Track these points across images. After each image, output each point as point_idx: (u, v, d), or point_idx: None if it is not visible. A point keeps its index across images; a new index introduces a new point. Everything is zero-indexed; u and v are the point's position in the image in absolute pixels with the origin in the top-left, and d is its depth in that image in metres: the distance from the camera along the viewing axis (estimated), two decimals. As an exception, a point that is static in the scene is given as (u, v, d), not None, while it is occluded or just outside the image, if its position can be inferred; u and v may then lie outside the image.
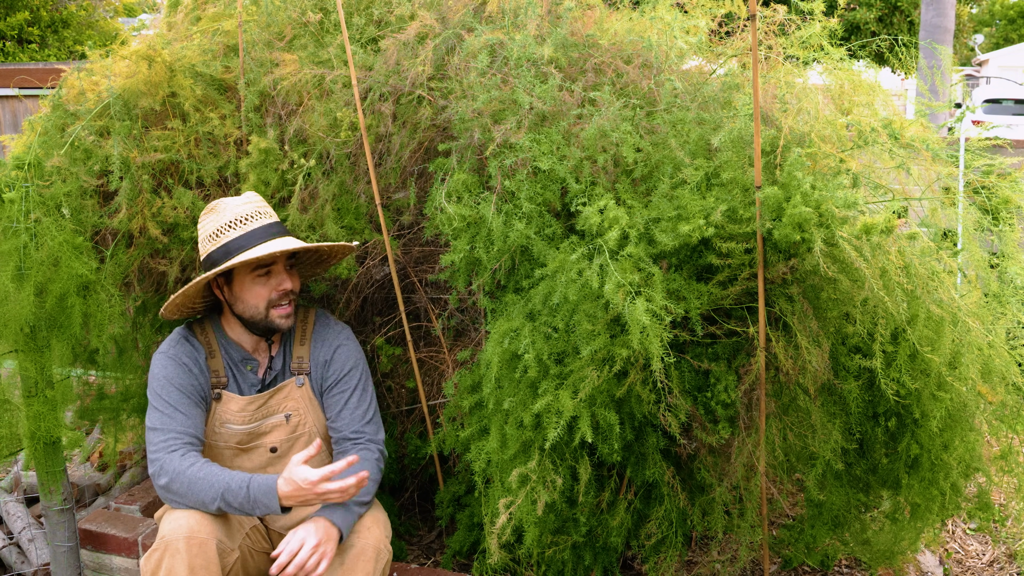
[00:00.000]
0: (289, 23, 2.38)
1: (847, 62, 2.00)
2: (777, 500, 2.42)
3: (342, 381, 2.04)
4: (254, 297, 1.95)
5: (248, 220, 1.95)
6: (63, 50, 13.32)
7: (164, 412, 1.92)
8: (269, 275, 1.95)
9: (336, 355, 2.06)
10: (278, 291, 1.95)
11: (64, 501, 2.31)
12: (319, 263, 2.16)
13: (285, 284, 1.96)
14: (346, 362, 2.05)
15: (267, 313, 1.96)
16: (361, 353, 2.10)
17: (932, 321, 1.77)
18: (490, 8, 2.27)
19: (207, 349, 2.03)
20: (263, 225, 1.95)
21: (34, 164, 2.20)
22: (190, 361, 1.98)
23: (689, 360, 1.89)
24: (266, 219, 1.98)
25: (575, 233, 1.91)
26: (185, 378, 1.96)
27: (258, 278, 1.95)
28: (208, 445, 2.03)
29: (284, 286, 1.95)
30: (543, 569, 2.14)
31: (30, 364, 2.20)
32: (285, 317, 1.97)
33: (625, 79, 2.08)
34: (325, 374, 2.05)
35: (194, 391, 1.96)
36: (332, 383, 2.05)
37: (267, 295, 1.95)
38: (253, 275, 1.94)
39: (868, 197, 1.90)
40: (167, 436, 1.89)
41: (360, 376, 2.06)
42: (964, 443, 1.90)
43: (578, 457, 1.90)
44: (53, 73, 2.45)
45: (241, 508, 1.80)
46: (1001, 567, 2.56)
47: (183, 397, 1.94)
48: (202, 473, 1.82)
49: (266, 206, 2.03)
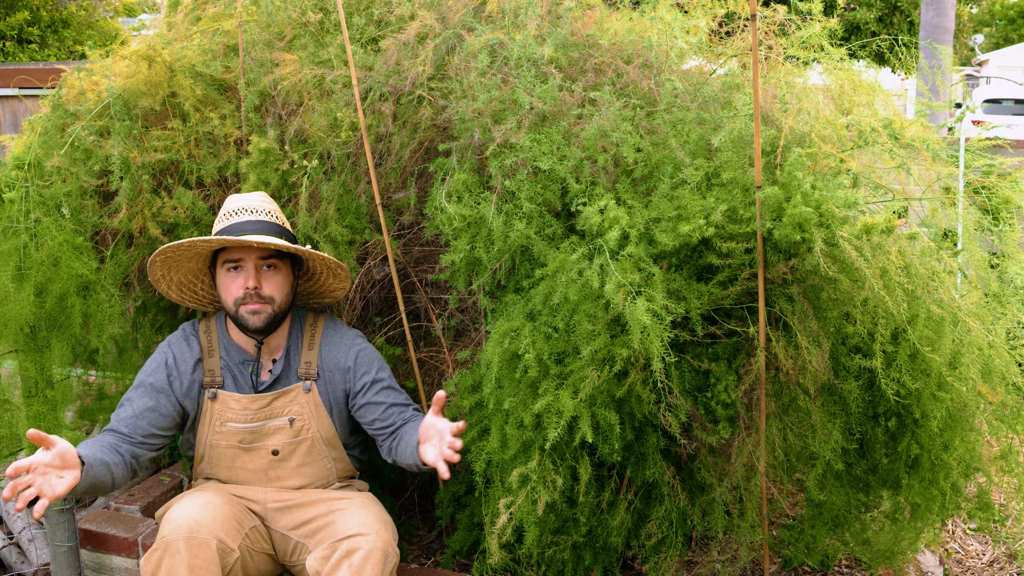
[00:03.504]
0: (289, 23, 2.38)
1: (847, 62, 2.00)
2: (777, 500, 2.42)
3: (377, 380, 2.06)
4: (224, 291, 1.99)
5: (236, 214, 2.00)
6: (63, 50, 13.32)
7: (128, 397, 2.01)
8: (239, 270, 1.98)
9: (359, 360, 2.06)
10: (244, 288, 1.96)
11: (64, 501, 2.30)
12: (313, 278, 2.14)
13: (250, 282, 1.96)
14: (372, 363, 2.07)
15: (236, 309, 1.98)
16: (377, 352, 2.12)
17: (932, 321, 1.77)
18: (490, 8, 2.27)
19: (206, 348, 2.05)
20: (244, 220, 1.98)
21: (34, 164, 2.20)
22: (177, 360, 2.04)
23: (689, 360, 1.89)
24: (252, 215, 1.99)
25: (575, 233, 1.91)
26: (159, 379, 2.02)
27: (229, 271, 1.98)
28: (211, 446, 2.03)
29: (249, 283, 1.96)
30: (543, 569, 2.14)
31: (30, 364, 2.20)
32: (252, 314, 1.97)
33: (625, 79, 2.08)
34: (352, 379, 2.06)
35: (161, 391, 2.02)
36: (366, 385, 2.05)
37: (236, 291, 1.97)
38: (225, 268, 1.99)
39: (868, 197, 1.90)
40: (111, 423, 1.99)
41: (388, 372, 2.09)
42: (964, 443, 1.90)
43: (578, 457, 1.90)
44: (53, 73, 2.45)
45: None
46: (1001, 567, 2.56)
47: (144, 393, 2.01)
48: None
49: (262, 204, 2.03)
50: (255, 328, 1.98)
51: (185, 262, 2.05)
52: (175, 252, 1.99)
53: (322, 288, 2.17)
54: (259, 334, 2.01)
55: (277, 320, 2.01)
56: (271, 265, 1.99)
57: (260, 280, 1.96)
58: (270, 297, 1.97)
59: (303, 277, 2.14)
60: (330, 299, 2.20)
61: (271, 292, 1.98)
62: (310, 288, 2.18)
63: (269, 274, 1.98)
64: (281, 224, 2.03)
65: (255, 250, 1.96)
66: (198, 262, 2.06)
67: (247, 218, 1.98)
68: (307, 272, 2.13)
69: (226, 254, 1.98)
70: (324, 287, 2.16)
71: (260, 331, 1.99)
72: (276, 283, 1.99)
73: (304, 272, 2.13)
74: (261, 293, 1.96)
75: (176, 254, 2.00)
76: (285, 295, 2.01)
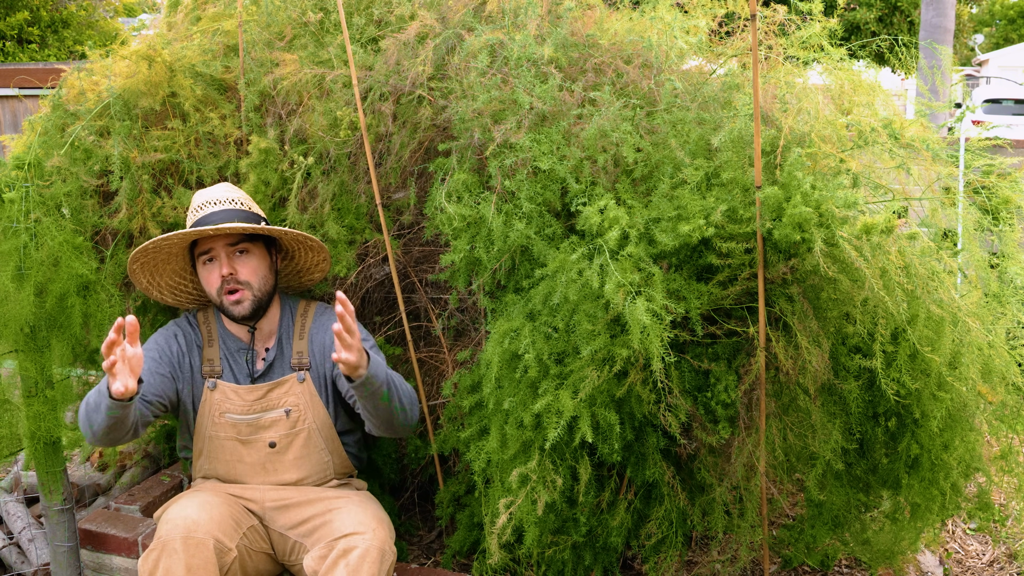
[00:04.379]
0: (289, 23, 2.38)
1: (847, 62, 2.00)
2: (777, 500, 2.42)
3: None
4: (207, 284, 2.02)
5: (200, 209, 2.02)
6: (63, 50, 13.32)
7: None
8: (214, 261, 2.00)
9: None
10: (220, 276, 1.98)
11: (64, 501, 2.31)
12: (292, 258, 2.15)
13: (224, 268, 1.98)
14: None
15: (220, 300, 2.00)
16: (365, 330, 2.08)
17: (932, 321, 1.77)
18: (490, 8, 2.27)
19: (207, 337, 2.08)
20: (208, 213, 2.00)
21: (34, 164, 2.20)
22: (183, 340, 2.05)
23: (689, 360, 1.89)
24: (215, 207, 2.00)
25: (575, 233, 1.91)
26: (166, 347, 2.02)
27: (206, 264, 2.02)
28: (210, 438, 2.04)
29: (224, 270, 1.98)
30: (543, 569, 2.14)
31: (30, 364, 2.20)
32: (235, 303, 1.99)
33: (625, 79, 2.08)
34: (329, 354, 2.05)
35: (169, 362, 2.01)
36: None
37: (216, 282, 1.99)
38: (201, 261, 2.02)
39: (868, 197, 1.90)
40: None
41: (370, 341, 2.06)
42: (964, 443, 1.90)
43: (578, 457, 1.90)
44: (53, 73, 2.45)
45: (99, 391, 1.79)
46: (1001, 567, 2.56)
47: (152, 362, 1.98)
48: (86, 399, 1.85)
49: (226, 194, 2.04)
50: (241, 316, 2.01)
51: (163, 264, 2.08)
52: (146, 256, 2.02)
53: (306, 265, 2.19)
54: (247, 320, 2.04)
55: (262, 304, 2.03)
56: (243, 250, 2.02)
57: (234, 266, 1.99)
58: (247, 282, 2.00)
59: (283, 258, 2.17)
60: (319, 274, 2.22)
61: (247, 276, 2.00)
62: (295, 267, 2.20)
63: (242, 259, 2.01)
64: (248, 210, 2.05)
65: (223, 238, 1.99)
66: (177, 262, 2.10)
67: (212, 210, 2.01)
68: (284, 252, 2.15)
69: (199, 248, 2.02)
70: (306, 264, 2.18)
71: (247, 318, 2.02)
72: (251, 267, 2.01)
73: (281, 253, 2.15)
74: (238, 278, 1.99)
75: (148, 257, 2.04)
76: (262, 277, 2.03)
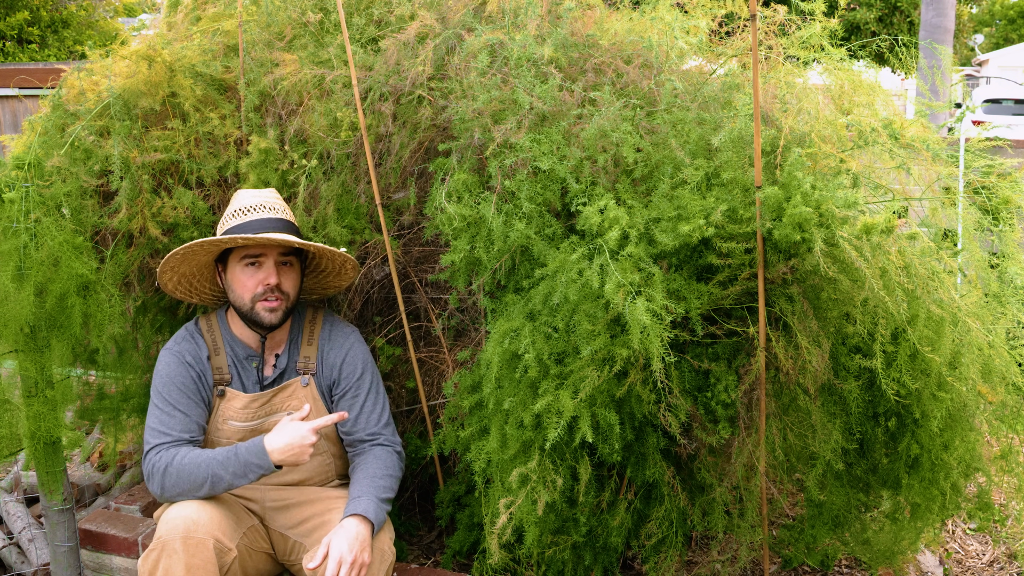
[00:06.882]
0: (289, 23, 2.38)
1: (847, 62, 2.00)
2: (777, 500, 2.42)
3: (355, 386, 2.05)
4: (241, 287, 1.98)
5: (252, 211, 1.99)
6: (63, 50, 13.33)
7: (164, 411, 1.93)
8: (258, 267, 1.97)
9: (348, 359, 2.06)
10: (264, 284, 1.96)
11: (64, 501, 2.30)
12: (320, 273, 2.15)
13: (271, 279, 1.96)
14: (357, 366, 2.06)
15: (252, 305, 1.97)
16: (370, 356, 2.11)
17: (932, 321, 1.77)
18: (490, 8, 2.27)
19: (212, 347, 2.05)
20: (263, 218, 1.98)
21: (34, 164, 2.20)
22: (193, 360, 2.01)
23: (689, 360, 1.89)
24: (269, 213, 1.99)
25: (575, 233, 1.91)
26: (187, 377, 1.98)
27: (247, 267, 1.98)
28: (210, 442, 2.03)
29: (270, 280, 1.96)
30: (543, 569, 2.14)
31: (30, 364, 2.20)
32: (270, 311, 1.97)
33: (625, 79, 2.08)
34: (337, 377, 2.06)
35: (195, 391, 1.98)
36: (345, 388, 2.05)
37: (253, 287, 1.97)
38: (243, 264, 1.98)
39: (868, 197, 1.90)
40: (164, 438, 1.90)
41: (372, 379, 2.08)
42: (964, 443, 1.90)
43: (578, 457, 1.90)
44: (53, 73, 2.45)
45: (234, 475, 1.82)
46: (1001, 567, 2.56)
47: (183, 396, 1.95)
48: (189, 458, 1.84)
49: (277, 202, 2.05)
50: (270, 324, 1.99)
51: (200, 256, 2.04)
52: (201, 247, 1.97)
53: (325, 284, 2.19)
54: (271, 329, 2.02)
55: (288, 315, 2.03)
56: (288, 262, 2.01)
57: (280, 276, 1.98)
58: (287, 293, 2.00)
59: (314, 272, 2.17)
60: (333, 291, 2.23)
61: (288, 288, 2.00)
62: (311, 284, 2.20)
63: (286, 271, 2.01)
64: (292, 220, 2.06)
65: (276, 247, 1.98)
66: (210, 256, 2.07)
67: (266, 215, 1.99)
68: (314, 268, 2.15)
69: (245, 250, 1.98)
70: (326, 283, 2.19)
71: (274, 326, 2.01)
72: (293, 279, 2.02)
73: (310, 268, 2.15)
74: (282, 288, 1.98)
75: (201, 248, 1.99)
76: (296, 289, 2.04)
